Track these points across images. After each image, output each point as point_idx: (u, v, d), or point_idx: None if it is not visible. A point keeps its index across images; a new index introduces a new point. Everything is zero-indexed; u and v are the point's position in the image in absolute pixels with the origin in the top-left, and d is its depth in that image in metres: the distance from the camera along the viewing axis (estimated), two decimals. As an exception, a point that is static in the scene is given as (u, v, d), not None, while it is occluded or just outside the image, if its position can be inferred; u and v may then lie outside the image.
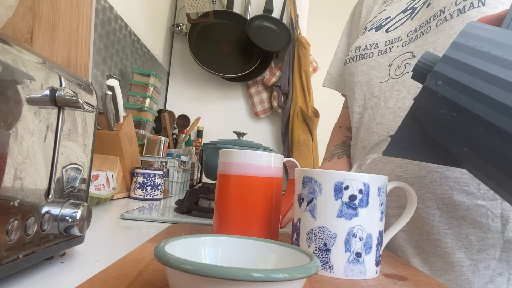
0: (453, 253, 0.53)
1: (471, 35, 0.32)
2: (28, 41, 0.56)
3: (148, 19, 1.66)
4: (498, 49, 0.30)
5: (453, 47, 0.31)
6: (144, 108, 1.32)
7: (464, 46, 0.31)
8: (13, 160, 0.27)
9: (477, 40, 0.31)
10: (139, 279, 0.30)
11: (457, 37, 0.32)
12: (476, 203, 0.52)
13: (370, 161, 0.46)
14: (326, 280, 0.36)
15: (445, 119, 0.32)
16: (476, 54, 0.31)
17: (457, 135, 0.32)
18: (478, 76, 0.30)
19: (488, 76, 0.29)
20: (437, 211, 0.54)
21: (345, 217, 0.38)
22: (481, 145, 0.31)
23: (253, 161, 0.45)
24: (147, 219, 0.67)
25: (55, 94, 0.31)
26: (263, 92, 2.03)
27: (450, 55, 0.31)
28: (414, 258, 0.57)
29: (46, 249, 0.32)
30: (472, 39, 0.31)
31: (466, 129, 0.31)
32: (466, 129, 0.31)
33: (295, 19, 2.01)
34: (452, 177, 0.53)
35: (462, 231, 0.53)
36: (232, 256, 0.31)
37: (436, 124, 0.33)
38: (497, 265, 0.51)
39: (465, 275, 0.52)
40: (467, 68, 0.30)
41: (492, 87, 0.29)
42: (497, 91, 0.29)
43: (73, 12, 0.64)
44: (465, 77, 0.30)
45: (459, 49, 0.31)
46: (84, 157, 0.39)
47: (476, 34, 0.32)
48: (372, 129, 0.64)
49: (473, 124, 0.30)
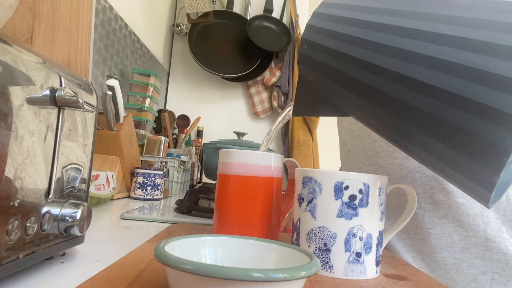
0: (437, 252, 0.53)
1: (327, 4, 0.40)
2: (28, 41, 0.56)
3: (148, 19, 1.66)
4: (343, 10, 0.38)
5: (312, 16, 0.39)
6: (144, 108, 1.32)
7: (321, 14, 0.39)
8: (13, 160, 0.27)
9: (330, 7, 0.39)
10: (139, 279, 0.30)
11: (317, 8, 0.40)
12: (456, 201, 0.52)
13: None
14: (326, 280, 0.36)
15: (314, 75, 0.39)
16: (327, 18, 0.38)
17: (325, 86, 0.39)
18: (327, 35, 0.37)
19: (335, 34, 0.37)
20: (420, 210, 0.55)
21: (345, 217, 0.38)
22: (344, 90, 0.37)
23: (253, 161, 0.45)
24: (147, 219, 0.67)
25: (55, 94, 0.31)
26: (263, 92, 2.03)
27: (310, 23, 0.39)
28: (405, 256, 0.57)
29: (46, 249, 0.32)
30: (327, 6, 0.39)
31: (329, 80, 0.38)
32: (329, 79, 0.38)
33: (295, 19, 2.01)
34: (432, 176, 0.53)
35: (445, 230, 0.53)
36: (232, 256, 0.31)
37: (313, 80, 0.40)
38: (480, 263, 0.51)
39: (449, 274, 0.53)
40: (321, 31, 0.38)
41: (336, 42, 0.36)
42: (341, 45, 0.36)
43: (73, 12, 0.64)
44: (320, 38, 0.38)
45: (316, 17, 0.39)
46: (84, 157, 0.39)
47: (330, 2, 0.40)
48: (354, 133, 0.65)
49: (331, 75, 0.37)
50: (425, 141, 0.32)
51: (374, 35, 0.33)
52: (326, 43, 0.37)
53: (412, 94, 0.31)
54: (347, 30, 0.35)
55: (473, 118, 0.28)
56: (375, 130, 0.39)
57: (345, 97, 0.38)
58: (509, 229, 0.51)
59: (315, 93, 0.41)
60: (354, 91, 0.36)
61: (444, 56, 0.29)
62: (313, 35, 0.38)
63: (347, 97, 0.37)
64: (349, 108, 0.39)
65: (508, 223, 0.51)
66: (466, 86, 0.28)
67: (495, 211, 0.51)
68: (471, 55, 0.28)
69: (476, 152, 0.28)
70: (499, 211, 0.51)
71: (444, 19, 0.31)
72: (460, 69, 0.28)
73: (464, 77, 0.28)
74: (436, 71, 0.29)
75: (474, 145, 0.28)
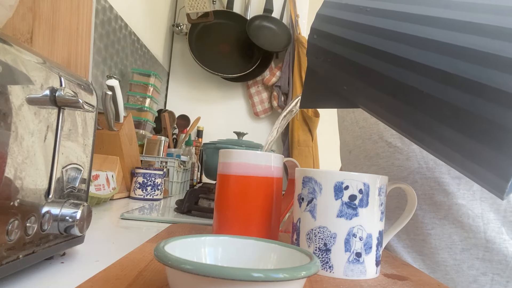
0: (437, 253, 0.53)
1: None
2: (28, 41, 0.56)
3: (148, 19, 1.66)
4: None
5: (323, 6, 0.39)
6: (144, 108, 1.32)
7: (331, 3, 0.38)
8: (13, 160, 0.27)
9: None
10: (139, 279, 0.30)
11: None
12: (457, 203, 0.52)
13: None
14: (326, 280, 0.36)
15: (323, 65, 0.39)
16: (338, 7, 0.38)
17: (335, 76, 0.39)
18: (338, 24, 0.37)
19: (346, 23, 0.36)
20: (420, 211, 0.55)
21: (345, 217, 0.38)
22: (355, 80, 0.37)
23: (253, 161, 0.45)
24: (147, 219, 0.67)
25: (55, 94, 0.31)
26: (263, 92, 2.03)
27: (320, 12, 0.38)
28: (405, 257, 0.57)
29: (46, 249, 0.32)
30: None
31: (339, 70, 0.38)
32: (339, 69, 0.38)
33: (295, 19, 2.01)
34: (432, 177, 0.53)
35: (445, 231, 0.53)
36: (232, 256, 0.31)
37: (322, 71, 0.40)
38: (480, 264, 0.51)
39: (449, 275, 0.53)
40: (332, 20, 0.37)
41: (348, 31, 0.36)
42: (353, 33, 0.35)
43: (73, 12, 0.64)
44: (330, 27, 0.37)
45: (327, 6, 0.38)
46: (84, 157, 0.39)
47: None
48: (356, 133, 0.64)
49: (342, 64, 0.37)
50: (442, 131, 0.31)
51: (388, 23, 0.33)
52: (337, 32, 0.36)
53: (428, 83, 0.30)
54: (360, 19, 0.35)
55: (491, 105, 0.27)
56: (386, 121, 0.38)
57: (355, 87, 0.37)
58: (509, 230, 0.51)
59: (324, 85, 0.41)
60: (366, 80, 0.35)
61: (461, 43, 0.29)
62: (323, 24, 0.38)
63: (357, 87, 0.37)
64: (359, 99, 0.39)
65: (508, 225, 0.51)
66: (484, 72, 0.27)
67: (495, 212, 0.51)
68: (489, 41, 0.28)
69: (493, 140, 0.28)
70: (499, 213, 0.51)
71: (458, 5, 0.30)
72: (478, 55, 0.28)
73: (482, 63, 0.27)
74: (453, 57, 0.29)
75: (492, 132, 0.28)
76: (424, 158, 0.54)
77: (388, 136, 0.58)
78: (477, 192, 0.52)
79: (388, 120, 0.38)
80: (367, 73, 0.35)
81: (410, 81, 0.32)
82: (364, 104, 0.39)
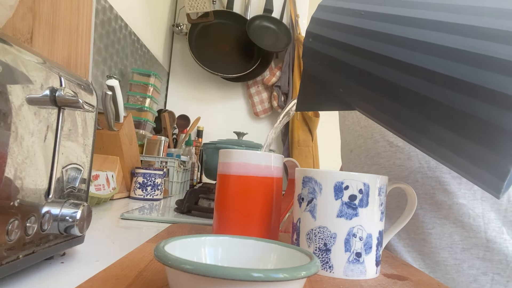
0: (438, 253, 0.53)
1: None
2: (28, 41, 0.56)
3: (148, 19, 1.66)
4: (348, 2, 0.38)
5: (317, 9, 0.39)
6: (144, 108, 1.32)
7: (325, 7, 0.39)
8: (13, 160, 0.27)
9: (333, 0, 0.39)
10: (139, 279, 0.30)
11: (322, 1, 0.40)
12: (457, 202, 0.52)
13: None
14: (326, 280, 0.36)
15: (319, 68, 0.39)
16: (332, 11, 0.38)
17: (330, 79, 0.39)
18: (333, 27, 0.37)
19: (341, 26, 0.37)
20: (421, 211, 0.55)
21: (345, 217, 0.38)
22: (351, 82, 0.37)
23: (253, 161, 0.45)
24: (147, 219, 0.67)
25: (55, 94, 0.31)
26: (263, 92, 2.03)
27: (315, 16, 0.39)
28: (405, 256, 0.57)
29: (46, 249, 0.32)
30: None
31: (334, 72, 0.38)
32: (334, 72, 0.38)
33: (295, 19, 2.01)
34: (433, 176, 0.53)
35: (446, 231, 0.53)
36: (232, 256, 0.31)
37: (318, 74, 0.40)
38: (481, 264, 0.51)
39: (450, 274, 0.53)
40: (327, 23, 0.38)
41: (343, 33, 0.36)
42: (348, 36, 0.36)
43: (73, 12, 0.64)
44: (325, 31, 0.38)
45: (321, 9, 0.39)
46: (84, 157, 0.39)
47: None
48: (357, 132, 0.64)
49: (337, 67, 0.37)
50: (437, 131, 0.31)
51: (383, 26, 0.33)
52: (332, 35, 0.37)
53: (423, 84, 0.31)
54: (354, 22, 0.35)
55: (486, 106, 0.27)
56: (383, 123, 0.38)
57: (351, 89, 0.37)
58: (509, 230, 0.51)
59: (320, 87, 0.41)
60: (361, 82, 0.35)
61: (455, 45, 0.29)
62: (318, 27, 0.38)
63: (353, 89, 0.37)
64: (355, 101, 0.39)
65: (508, 224, 0.51)
66: (478, 73, 0.28)
67: (496, 212, 0.51)
68: (484, 43, 0.28)
69: (489, 140, 0.28)
70: (500, 212, 0.51)
71: (452, 8, 0.31)
72: (472, 56, 0.28)
73: (476, 65, 0.28)
74: (447, 59, 0.29)
75: (488, 133, 0.28)
76: (425, 157, 0.54)
77: (389, 136, 0.58)
78: (478, 191, 0.52)
79: (384, 121, 0.38)
80: (363, 75, 0.35)
81: (405, 83, 0.32)
82: (360, 106, 0.39)
